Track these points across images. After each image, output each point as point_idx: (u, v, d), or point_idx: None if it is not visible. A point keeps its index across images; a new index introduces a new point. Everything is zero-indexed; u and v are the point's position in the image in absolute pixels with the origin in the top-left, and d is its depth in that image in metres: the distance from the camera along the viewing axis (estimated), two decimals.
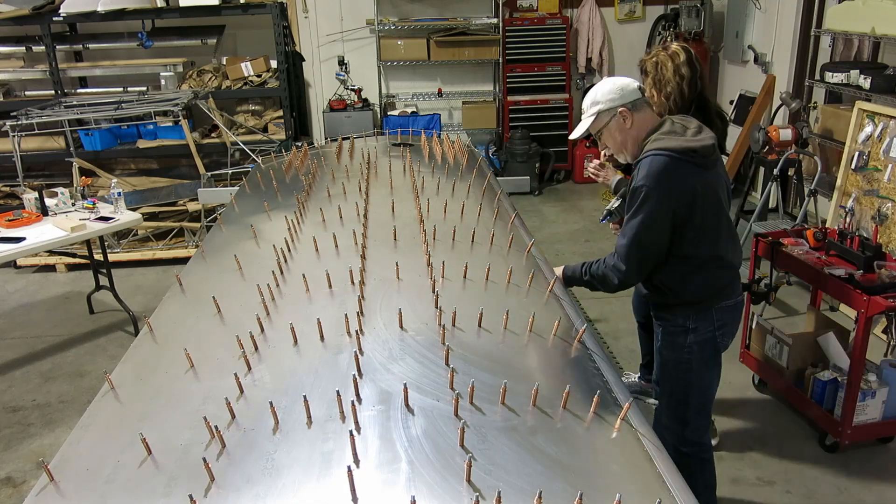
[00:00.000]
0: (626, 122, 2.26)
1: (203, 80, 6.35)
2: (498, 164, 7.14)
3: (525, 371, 1.70)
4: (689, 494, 1.36)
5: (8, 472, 3.21)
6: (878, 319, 3.57)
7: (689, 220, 2.19)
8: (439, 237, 2.50)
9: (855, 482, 2.99)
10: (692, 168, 2.15)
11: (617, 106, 2.25)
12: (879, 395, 3.06)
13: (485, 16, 7.22)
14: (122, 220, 4.17)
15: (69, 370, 4.10)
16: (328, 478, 1.35)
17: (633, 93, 2.27)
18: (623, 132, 2.28)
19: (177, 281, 2.32)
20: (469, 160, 3.61)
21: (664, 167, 2.13)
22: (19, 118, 4.99)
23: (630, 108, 2.26)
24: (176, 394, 1.68)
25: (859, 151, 4.44)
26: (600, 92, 2.28)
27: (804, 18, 5.73)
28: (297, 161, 3.76)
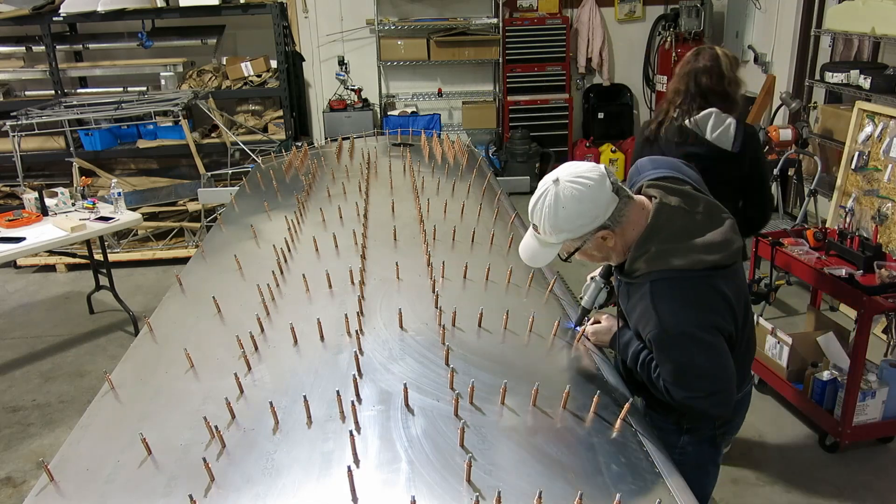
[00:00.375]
0: (608, 240, 1.62)
1: (203, 80, 6.35)
2: (498, 164, 7.14)
3: (525, 371, 1.70)
4: (688, 494, 1.37)
5: (8, 472, 3.21)
6: (878, 319, 3.58)
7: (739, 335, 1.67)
8: (439, 237, 2.50)
9: (855, 482, 2.98)
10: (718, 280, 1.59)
11: (590, 232, 1.60)
12: (879, 395, 3.06)
13: (485, 16, 7.22)
14: (122, 220, 4.17)
15: (69, 370, 4.10)
16: (328, 478, 1.35)
17: (608, 201, 1.57)
18: (604, 249, 1.65)
19: (177, 281, 2.32)
20: (469, 160, 3.61)
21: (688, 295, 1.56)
22: (19, 118, 4.99)
23: (609, 225, 1.59)
24: (176, 394, 1.68)
25: (859, 151, 4.44)
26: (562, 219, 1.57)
27: (804, 18, 5.73)
28: (297, 161, 3.76)
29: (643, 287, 1.59)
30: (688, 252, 1.57)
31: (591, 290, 1.91)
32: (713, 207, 1.66)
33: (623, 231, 1.61)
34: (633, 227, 1.62)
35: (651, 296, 1.57)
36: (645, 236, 1.60)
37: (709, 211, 1.64)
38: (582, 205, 1.55)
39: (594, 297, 1.90)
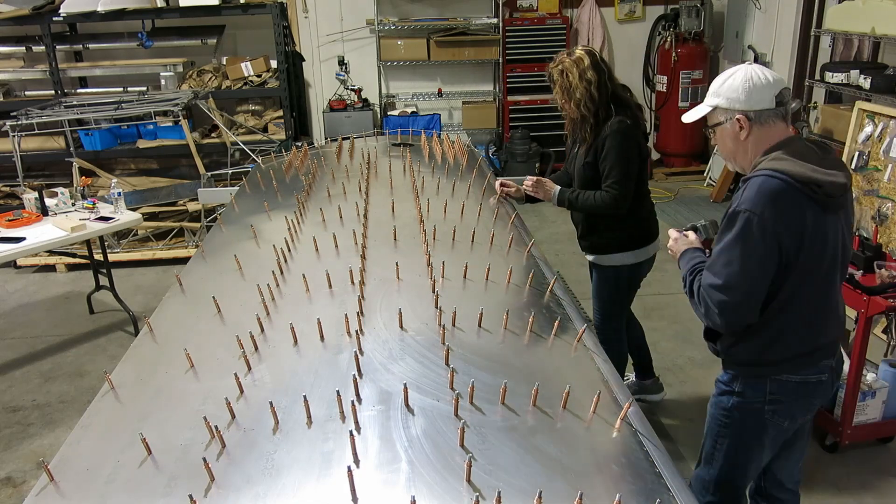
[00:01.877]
0: (742, 132, 1.84)
1: (203, 80, 6.35)
2: (498, 164, 7.14)
3: (525, 371, 1.70)
4: (688, 494, 1.37)
5: (8, 472, 3.21)
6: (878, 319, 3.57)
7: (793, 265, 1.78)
8: (439, 237, 2.50)
9: (855, 482, 2.98)
10: (810, 203, 1.75)
11: (736, 109, 1.83)
12: (879, 395, 3.05)
13: (485, 16, 7.22)
14: (122, 220, 4.17)
15: (69, 370, 4.10)
16: (328, 478, 1.35)
17: (765, 101, 1.82)
18: (735, 141, 1.86)
19: (177, 281, 2.32)
20: (469, 160, 3.61)
21: (777, 193, 1.73)
22: (19, 118, 4.99)
23: (751, 118, 1.83)
24: (176, 394, 1.68)
25: (859, 151, 4.44)
26: (727, 84, 1.85)
27: (804, 18, 5.73)
28: (297, 161, 3.76)
29: (751, 179, 1.79)
30: (800, 166, 1.76)
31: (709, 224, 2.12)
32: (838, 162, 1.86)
33: (758, 135, 1.84)
34: (767, 140, 1.84)
35: (749, 183, 1.78)
36: (775, 147, 1.83)
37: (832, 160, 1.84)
38: (750, 82, 1.81)
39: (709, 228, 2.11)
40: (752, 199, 1.74)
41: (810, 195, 1.74)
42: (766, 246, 1.74)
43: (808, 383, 1.89)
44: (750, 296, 1.77)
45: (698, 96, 7.13)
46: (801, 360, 1.86)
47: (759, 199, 1.73)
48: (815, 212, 1.76)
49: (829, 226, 1.80)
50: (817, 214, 1.76)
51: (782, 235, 1.74)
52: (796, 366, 1.87)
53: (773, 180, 1.75)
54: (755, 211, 1.73)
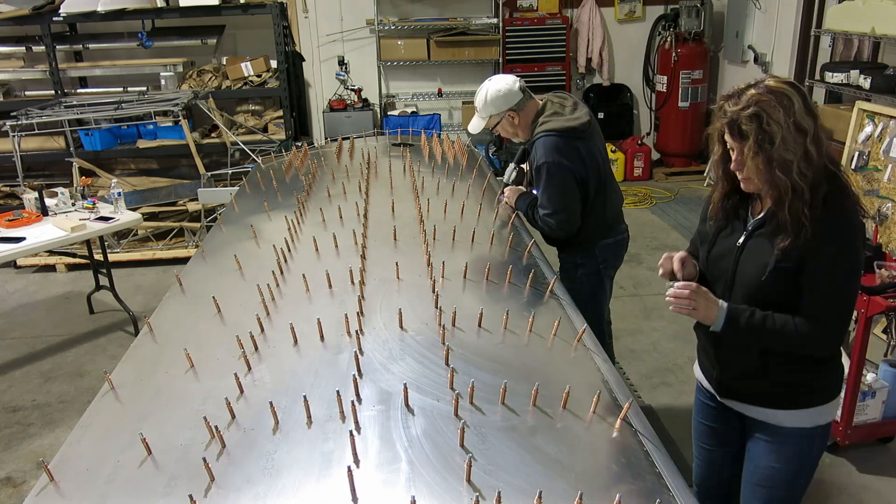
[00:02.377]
0: (514, 119, 2.78)
1: (203, 80, 6.35)
2: (498, 164, 7.13)
3: (525, 371, 1.70)
4: (689, 494, 1.37)
5: (8, 472, 3.21)
6: (878, 319, 3.57)
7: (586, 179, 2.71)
8: (439, 237, 2.50)
9: (855, 482, 2.99)
10: (574, 140, 2.67)
11: (504, 111, 2.76)
12: (879, 395, 3.05)
13: (485, 16, 7.22)
14: (122, 220, 4.17)
15: (69, 370, 4.10)
16: (328, 478, 1.35)
17: (517, 95, 2.76)
18: (513, 126, 2.81)
19: (177, 281, 2.32)
20: (469, 160, 3.61)
21: (555, 144, 2.65)
22: (19, 118, 4.99)
23: (515, 109, 2.77)
24: (176, 394, 1.68)
25: (859, 151, 4.44)
26: (490, 99, 2.75)
27: (804, 18, 5.73)
28: (297, 161, 3.76)
29: (536, 142, 2.71)
30: (556, 122, 2.70)
31: (508, 171, 3.02)
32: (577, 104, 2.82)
33: (525, 114, 2.79)
34: (530, 113, 2.79)
35: (536, 144, 2.72)
36: (535, 115, 2.77)
37: (574, 106, 2.79)
38: (500, 93, 2.76)
39: (510, 175, 3.02)
40: (545, 154, 2.65)
41: (572, 136, 2.67)
42: (564, 178, 2.67)
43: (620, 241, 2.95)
44: (570, 211, 2.71)
45: (698, 96, 7.13)
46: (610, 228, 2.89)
47: (547, 152, 2.65)
48: (580, 143, 2.69)
49: (592, 147, 2.74)
50: (581, 144, 2.70)
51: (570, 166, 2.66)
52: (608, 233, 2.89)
53: (549, 138, 2.67)
54: (549, 160, 2.64)
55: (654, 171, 7.46)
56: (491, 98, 2.75)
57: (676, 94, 7.12)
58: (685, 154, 7.47)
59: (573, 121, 2.69)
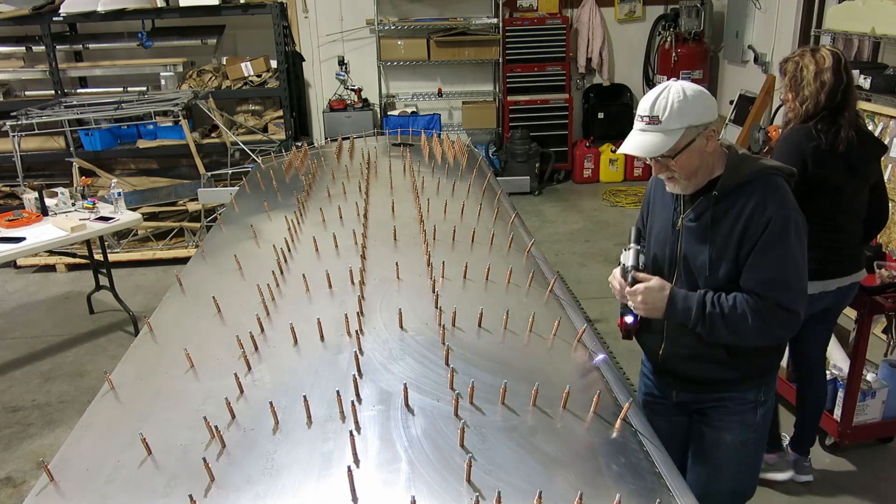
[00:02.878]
0: (709, 144, 1.80)
1: (203, 80, 6.35)
2: (498, 164, 7.14)
3: (525, 371, 1.70)
4: (688, 494, 1.37)
5: (8, 472, 3.21)
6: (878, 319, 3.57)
7: None
8: (439, 237, 2.50)
9: (855, 482, 2.99)
10: None
11: (708, 123, 1.79)
12: (879, 395, 3.06)
13: (485, 16, 7.22)
14: (122, 220, 4.17)
15: (69, 370, 4.10)
16: (328, 478, 1.35)
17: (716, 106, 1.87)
18: (702, 156, 1.81)
19: (177, 281, 2.32)
20: (469, 160, 3.61)
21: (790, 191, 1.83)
22: (19, 118, 4.99)
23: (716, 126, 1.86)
24: (176, 394, 1.68)
25: None
26: (691, 104, 1.76)
27: (804, 18, 5.73)
28: (297, 161, 3.76)
29: (751, 186, 1.80)
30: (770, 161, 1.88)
31: (632, 253, 1.93)
32: None
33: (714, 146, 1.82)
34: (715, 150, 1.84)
35: (765, 187, 1.79)
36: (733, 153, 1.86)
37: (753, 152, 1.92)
38: (704, 97, 1.79)
39: (636, 258, 1.93)
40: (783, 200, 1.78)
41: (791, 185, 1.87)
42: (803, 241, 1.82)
43: None
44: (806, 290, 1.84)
45: None
46: None
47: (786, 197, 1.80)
48: None
49: None
50: None
51: None
52: None
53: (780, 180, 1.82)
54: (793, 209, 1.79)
55: None
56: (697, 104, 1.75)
57: None
58: None
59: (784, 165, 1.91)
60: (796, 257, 1.77)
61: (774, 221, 1.75)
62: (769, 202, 1.76)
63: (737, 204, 1.80)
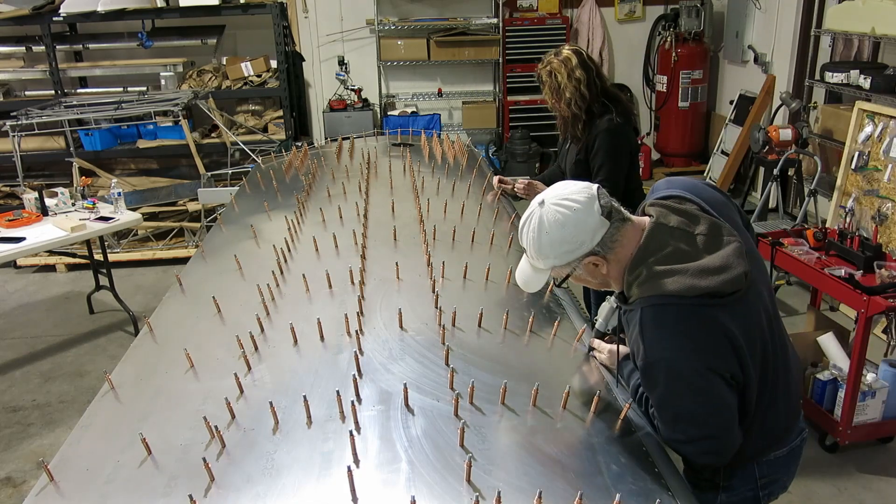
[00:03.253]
0: (600, 267, 1.51)
1: (203, 80, 6.35)
2: (498, 164, 7.14)
3: (525, 371, 1.70)
4: (688, 494, 1.37)
5: (8, 472, 3.21)
6: (878, 319, 3.57)
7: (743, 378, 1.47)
8: (439, 237, 2.50)
9: (855, 482, 2.98)
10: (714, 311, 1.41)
11: (580, 256, 1.49)
12: (879, 395, 3.05)
13: (485, 16, 7.22)
14: (122, 220, 4.17)
15: (69, 370, 4.10)
16: (328, 478, 1.35)
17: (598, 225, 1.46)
18: (598, 275, 1.54)
19: (177, 281, 2.32)
20: (469, 160, 3.61)
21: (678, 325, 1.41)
22: (19, 118, 4.99)
23: (600, 251, 1.48)
24: (176, 394, 1.68)
25: (859, 151, 4.44)
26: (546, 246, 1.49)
27: (804, 18, 5.73)
28: (297, 161, 3.76)
29: (635, 314, 1.46)
30: (679, 275, 1.41)
31: (605, 312, 1.79)
32: (717, 228, 1.48)
33: (617, 256, 1.49)
34: (628, 250, 1.49)
35: (640, 323, 1.44)
36: (636, 259, 1.47)
37: (711, 231, 1.48)
38: (565, 230, 1.46)
39: (607, 319, 1.78)
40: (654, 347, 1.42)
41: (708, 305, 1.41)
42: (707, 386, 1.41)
43: (793, 451, 1.67)
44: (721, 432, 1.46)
45: (698, 96, 7.13)
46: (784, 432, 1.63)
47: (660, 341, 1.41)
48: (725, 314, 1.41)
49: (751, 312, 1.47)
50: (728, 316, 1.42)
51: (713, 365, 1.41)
52: (782, 440, 1.63)
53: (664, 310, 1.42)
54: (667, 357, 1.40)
55: (654, 170, 7.46)
56: (549, 240, 1.48)
57: (676, 94, 7.11)
58: (685, 154, 7.47)
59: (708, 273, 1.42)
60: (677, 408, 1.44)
61: (642, 370, 1.46)
62: (640, 346, 1.44)
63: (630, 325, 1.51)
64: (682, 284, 1.40)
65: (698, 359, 1.40)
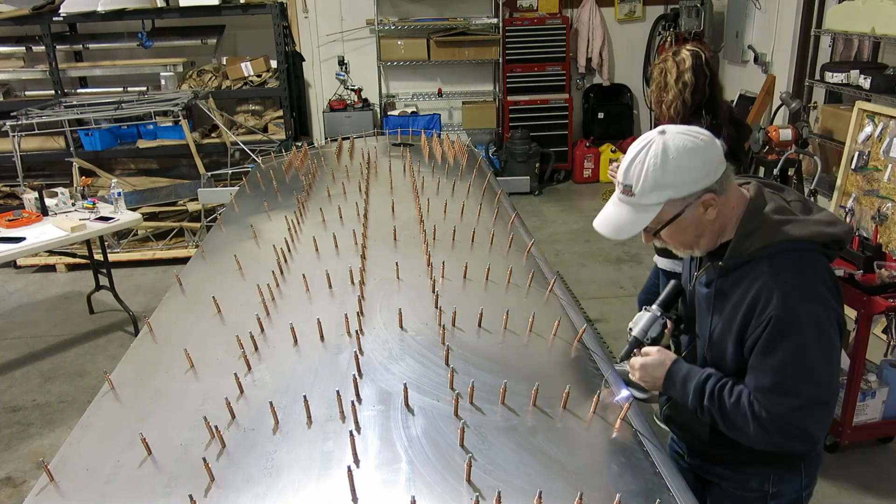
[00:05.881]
0: (708, 212, 1.42)
1: (203, 80, 6.35)
2: (498, 164, 7.14)
3: (525, 371, 1.70)
4: (688, 494, 1.37)
5: (8, 472, 3.21)
6: (878, 319, 3.57)
7: None
8: (439, 237, 2.50)
9: (855, 482, 2.99)
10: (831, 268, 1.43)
11: (699, 191, 1.40)
12: (879, 395, 3.06)
13: (485, 16, 7.22)
14: (122, 220, 4.17)
15: (69, 370, 4.10)
16: (328, 478, 1.35)
17: (720, 161, 1.41)
18: (699, 226, 1.44)
19: (177, 281, 2.32)
20: (469, 160, 3.61)
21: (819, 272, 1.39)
22: (19, 118, 4.99)
23: (717, 189, 1.40)
24: (176, 394, 1.68)
25: (859, 151, 4.44)
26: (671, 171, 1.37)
27: (804, 18, 5.73)
28: (297, 161, 3.76)
29: (759, 266, 1.39)
30: (804, 223, 1.39)
31: (646, 320, 1.64)
32: (803, 198, 1.50)
33: (728, 203, 1.43)
34: (733, 206, 1.44)
35: (773, 271, 1.37)
36: (751, 210, 1.42)
37: (801, 200, 1.49)
38: (694, 157, 1.37)
39: (648, 326, 1.64)
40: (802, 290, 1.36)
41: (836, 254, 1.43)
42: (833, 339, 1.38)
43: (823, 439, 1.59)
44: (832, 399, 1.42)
45: None
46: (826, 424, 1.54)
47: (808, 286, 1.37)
48: None
49: None
50: None
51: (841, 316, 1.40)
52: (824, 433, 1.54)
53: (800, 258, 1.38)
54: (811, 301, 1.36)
55: None
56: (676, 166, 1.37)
57: None
58: None
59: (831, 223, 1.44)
60: (809, 363, 1.37)
61: (778, 319, 1.36)
62: (775, 294, 1.37)
63: (743, 283, 1.43)
64: (811, 231, 1.38)
65: (834, 311, 1.39)
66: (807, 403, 1.38)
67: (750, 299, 1.42)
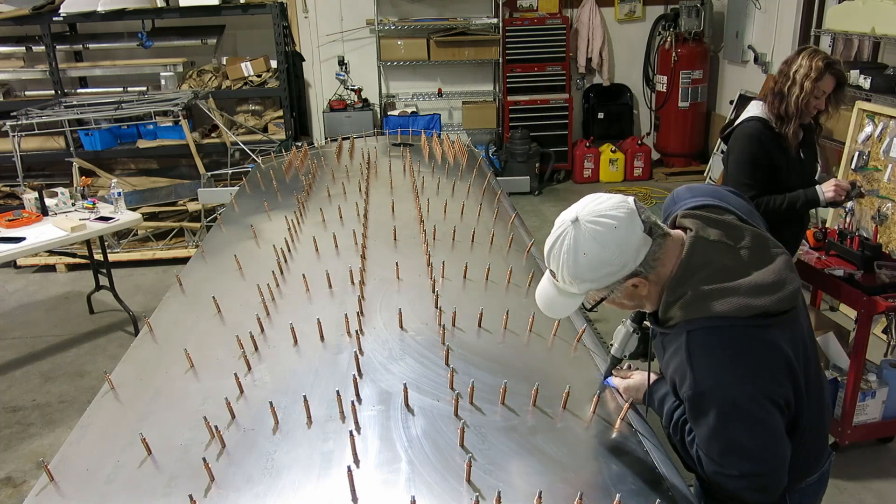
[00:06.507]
0: (641, 288, 1.38)
1: (203, 80, 6.35)
2: (498, 164, 7.13)
3: (525, 371, 1.70)
4: (688, 494, 1.37)
5: (8, 472, 3.21)
6: (878, 319, 3.57)
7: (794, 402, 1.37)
8: (439, 237, 2.50)
9: (855, 482, 2.98)
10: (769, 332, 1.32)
11: (621, 279, 1.36)
12: (879, 395, 3.05)
13: (485, 16, 7.22)
14: (122, 220, 4.17)
15: (69, 370, 4.10)
16: (328, 478, 1.35)
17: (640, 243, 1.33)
18: (636, 298, 1.42)
19: (177, 281, 2.32)
20: (469, 160, 3.61)
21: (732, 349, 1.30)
22: (19, 118, 4.99)
23: (643, 271, 1.35)
24: (176, 394, 1.68)
25: (859, 151, 4.44)
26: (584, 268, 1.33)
27: (804, 18, 5.73)
28: (297, 161, 3.76)
29: (679, 338, 1.33)
30: (731, 295, 1.30)
31: (621, 337, 1.63)
32: (762, 240, 1.39)
33: (658, 276, 1.36)
34: (668, 268, 1.36)
35: (687, 349, 1.31)
36: (679, 277, 1.34)
37: (757, 245, 1.37)
38: (606, 250, 1.30)
39: (623, 344, 1.63)
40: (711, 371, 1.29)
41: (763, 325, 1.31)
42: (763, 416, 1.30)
43: (822, 476, 1.63)
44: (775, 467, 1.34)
45: (698, 96, 7.13)
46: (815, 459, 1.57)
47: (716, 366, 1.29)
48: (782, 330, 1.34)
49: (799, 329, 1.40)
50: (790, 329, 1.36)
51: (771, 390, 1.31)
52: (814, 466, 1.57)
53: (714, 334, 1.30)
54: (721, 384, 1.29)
55: (655, 171, 7.46)
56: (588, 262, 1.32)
57: (676, 94, 7.12)
58: (685, 154, 7.47)
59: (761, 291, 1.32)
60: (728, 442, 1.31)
61: (690, 400, 1.33)
62: (688, 374, 1.31)
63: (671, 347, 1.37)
64: (735, 305, 1.29)
65: (755, 386, 1.29)
66: (739, 475, 1.32)
67: (671, 372, 1.38)
